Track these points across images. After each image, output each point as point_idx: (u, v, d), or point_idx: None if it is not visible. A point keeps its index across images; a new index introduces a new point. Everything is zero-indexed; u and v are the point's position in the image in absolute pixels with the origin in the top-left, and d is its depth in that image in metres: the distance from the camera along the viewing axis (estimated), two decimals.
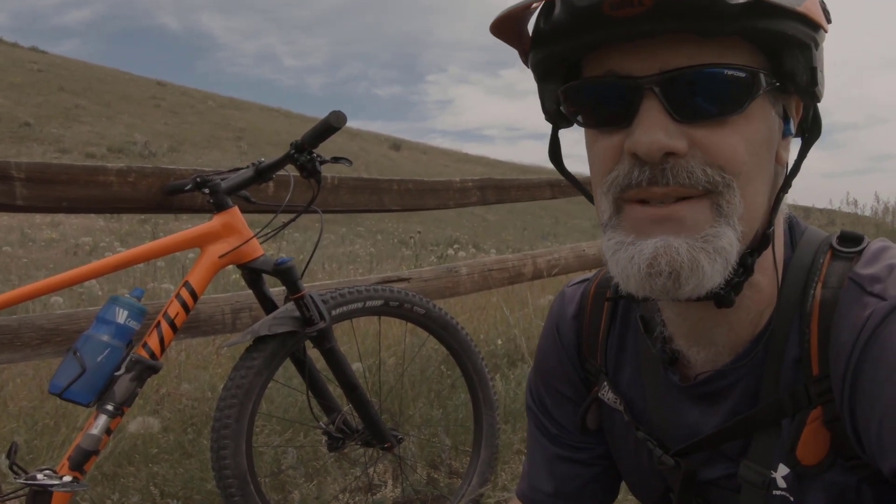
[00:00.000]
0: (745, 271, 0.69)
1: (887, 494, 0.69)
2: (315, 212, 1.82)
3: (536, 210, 19.39)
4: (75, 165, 1.78)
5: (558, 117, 0.75)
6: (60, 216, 11.23)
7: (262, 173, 1.70)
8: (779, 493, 0.74)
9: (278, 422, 2.39)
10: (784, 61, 0.64)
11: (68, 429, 2.20)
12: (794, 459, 0.72)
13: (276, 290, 1.81)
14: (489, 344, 3.38)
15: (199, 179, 1.70)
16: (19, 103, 22.52)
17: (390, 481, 2.17)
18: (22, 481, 1.36)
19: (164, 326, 1.56)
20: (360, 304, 1.81)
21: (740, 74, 0.62)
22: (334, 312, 1.75)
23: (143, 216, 10.97)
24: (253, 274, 1.73)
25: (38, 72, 28.33)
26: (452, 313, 2.11)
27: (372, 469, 2.15)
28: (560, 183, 3.55)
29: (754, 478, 0.74)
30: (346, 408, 1.84)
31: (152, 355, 1.53)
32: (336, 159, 1.78)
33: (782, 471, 0.73)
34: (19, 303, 1.49)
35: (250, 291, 1.79)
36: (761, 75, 0.64)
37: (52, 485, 1.36)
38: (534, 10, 0.65)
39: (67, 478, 1.39)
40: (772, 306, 0.74)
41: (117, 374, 1.46)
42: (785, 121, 0.70)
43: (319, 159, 1.72)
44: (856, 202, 8.51)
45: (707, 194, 0.64)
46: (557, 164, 0.79)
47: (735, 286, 0.69)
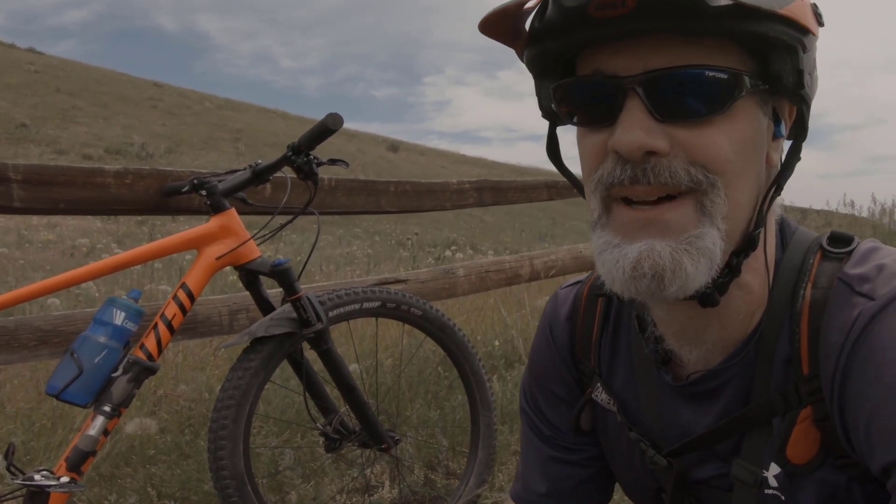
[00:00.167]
0: (731, 272, 0.70)
1: (877, 492, 0.69)
2: (312, 213, 1.82)
3: (534, 212, 19.39)
4: (72, 167, 1.78)
5: (553, 114, 0.76)
6: (57, 218, 11.19)
7: (259, 175, 1.70)
8: (770, 491, 0.74)
9: (275, 423, 2.39)
10: (771, 63, 0.65)
11: (65, 430, 2.20)
12: (785, 458, 0.72)
13: (274, 291, 1.81)
14: (486, 345, 3.39)
15: (196, 181, 1.70)
16: (16, 104, 22.48)
17: (387, 482, 2.18)
18: (19, 482, 1.37)
19: (162, 328, 1.56)
20: (358, 306, 1.82)
21: (722, 76, 0.63)
22: (331, 314, 1.76)
23: (140, 218, 10.94)
24: (250, 275, 1.73)
25: (35, 73, 28.28)
26: (450, 315, 2.12)
27: (369, 470, 2.16)
28: (557, 184, 3.56)
29: (746, 477, 0.75)
30: (344, 409, 1.84)
31: (149, 357, 1.53)
32: (333, 161, 1.78)
33: (774, 470, 0.74)
34: (16, 304, 1.49)
35: (247, 293, 1.79)
36: (745, 77, 0.64)
37: (50, 486, 1.36)
38: (529, 10, 0.66)
39: (65, 479, 1.40)
40: (763, 306, 0.74)
41: (114, 375, 1.47)
42: (777, 123, 0.70)
43: (316, 161, 1.73)
44: (853, 203, 8.51)
45: (691, 193, 0.65)
46: (556, 161, 0.80)
47: (720, 286, 0.69)
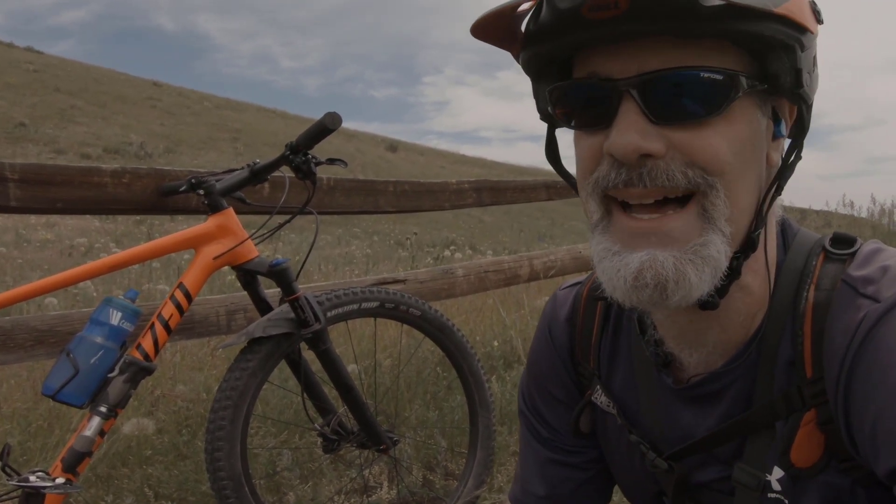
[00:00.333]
0: (731, 273, 0.69)
1: (881, 496, 0.69)
2: (310, 213, 1.81)
3: (533, 212, 19.41)
4: (69, 166, 1.77)
5: (551, 117, 0.75)
6: (56, 217, 11.19)
7: (258, 174, 1.70)
8: (773, 495, 0.74)
9: (273, 423, 2.39)
10: (768, 63, 0.64)
11: (62, 430, 2.19)
12: (789, 462, 0.72)
13: (272, 291, 1.80)
14: (485, 346, 3.38)
15: (193, 180, 1.69)
16: (15, 104, 22.47)
17: (386, 483, 2.17)
18: (14, 483, 1.36)
19: (159, 328, 1.55)
20: (356, 306, 1.81)
21: (717, 77, 0.62)
22: (330, 314, 1.75)
23: (138, 217, 10.95)
24: (248, 275, 1.72)
25: (34, 72, 28.28)
26: (449, 315, 2.11)
27: (367, 471, 2.15)
28: (556, 185, 3.55)
29: (749, 480, 0.74)
30: (342, 409, 1.84)
31: (146, 357, 1.52)
32: (331, 161, 1.77)
33: (777, 473, 0.73)
34: (14, 303, 1.48)
35: (245, 293, 1.78)
36: (741, 77, 0.63)
37: (45, 487, 1.36)
38: (524, 12, 0.65)
39: (60, 480, 1.39)
40: (764, 308, 0.74)
41: (111, 375, 1.46)
42: (777, 122, 0.70)
43: (315, 160, 1.72)
44: (852, 204, 8.51)
45: (692, 197, 0.64)
46: (555, 163, 0.79)
47: (720, 289, 0.68)
